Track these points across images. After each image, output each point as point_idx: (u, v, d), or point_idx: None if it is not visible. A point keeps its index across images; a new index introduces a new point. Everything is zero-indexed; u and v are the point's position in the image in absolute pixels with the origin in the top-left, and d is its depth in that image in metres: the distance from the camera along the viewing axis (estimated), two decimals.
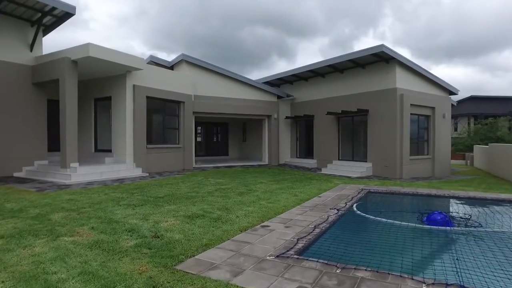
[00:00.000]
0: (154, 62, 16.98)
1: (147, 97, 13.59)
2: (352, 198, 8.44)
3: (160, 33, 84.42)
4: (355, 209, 7.32)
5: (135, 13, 78.49)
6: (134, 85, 12.93)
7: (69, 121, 10.90)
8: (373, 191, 9.61)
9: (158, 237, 5.06)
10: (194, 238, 5.03)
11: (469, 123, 35.87)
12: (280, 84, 20.47)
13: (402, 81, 14.53)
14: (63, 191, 8.64)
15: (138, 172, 12.74)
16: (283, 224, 5.87)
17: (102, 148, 13.89)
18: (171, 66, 17.05)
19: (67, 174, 10.60)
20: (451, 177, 15.42)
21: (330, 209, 7.17)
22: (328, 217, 6.40)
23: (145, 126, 13.49)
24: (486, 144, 24.71)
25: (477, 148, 23.22)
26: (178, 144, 15.33)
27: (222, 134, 22.56)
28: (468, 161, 24.53)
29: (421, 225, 5.90)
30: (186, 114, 15.40)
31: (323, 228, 5.62)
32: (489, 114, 32.07)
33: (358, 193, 9.20)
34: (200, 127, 22.22)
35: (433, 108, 15.94)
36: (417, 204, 8.22)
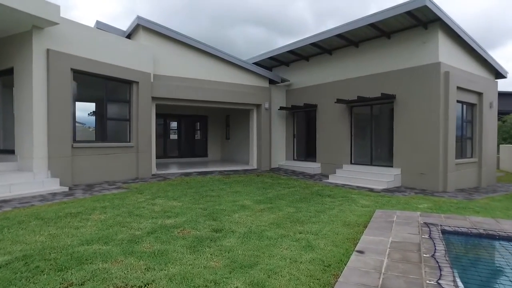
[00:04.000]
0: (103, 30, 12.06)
1: (74, 71, 8.74)
2: (432, 255, 3.80)
3: None
4: None
5: (125, 13, 72.94)
6: (48, 50, 8.06)
7: None
8: (450, 230, 4.98)
9: None
10: None
11: None
12: (273, 66, 15.76)
13: (446, 54, 9.98)
14: None
15: (52, 185, 7.87)
16: None
17: (7, 148, 8.99)
18: (128, 37, 12.17)
19: None
20: (506, 188, 10.97)
21: None
22: None
23: (70, 115, 8.63)
24: (511, 143, 20.72)
25: (506, 148, 18.99)
26: (129, 142, 10.49)
27: (201, 130, 17.72)
28: None
29: None
30: (142, 99, 10.57)
31: None
32: (504, 110, 27.97)
33: (428, 235, 4.58)
34: (176, 122, 17.39)
35: (480, 94, 11.46)
36: None
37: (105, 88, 9.79)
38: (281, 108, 14.39)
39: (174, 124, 17.44)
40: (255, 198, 7.45)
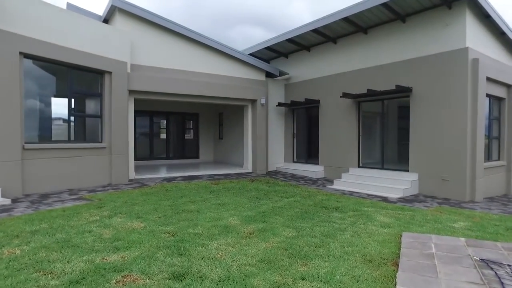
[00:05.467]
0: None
1: (26, 56, 7.09)
2: None
3: None
4: None
5: None
6: None
7: None
8: None
9: None
10: None
11: None
12: (270, 59, 14.10)
13: (474, 38, 8.33)
14: None
15: None
16: None
17: None
18: (106, 22, 10.50)
19: None
20: None
21: None
22: None
23: (20, 109, 6.96)
24: None
25: None
26: (101, 142, 8.84)
27: (191, 129, 16.02)
28: None
29: None
30: (116, 93, 8.91)
31: None
32: None
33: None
34: (163, 120, 15.71)
35: (509, 87, 9.81)
36: None
37: (68, 79, 8.13)
38: (279, 104, 12.72)
39: (162, 123, 15.77)
40: (245, 214, 5.79)
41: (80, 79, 8.60)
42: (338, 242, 4.41)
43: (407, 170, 9.15)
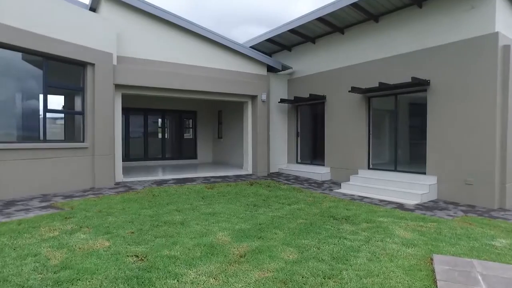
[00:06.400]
0: None
1: None
2: None
3: None
4: None
5: None
6: None
7: None
8: None
9: None
10: None
11: None
12: (272, 52, 13.06)
13: (504, 22, 7.22)
14: None
15: None
16: None
17: None
18: (93, 11, 9.55)
19: None
20: None
21: None
22: None
23: None
24: None
25: None
26: (83, 141, 7.89)
27: (189, 128, 15.03)
28: None
29: None
30: (100, 87, 7.96)
31: None
32: None
33: None
34: (159, 119, 14.75)
35: None
36: None
37: (43, 71, 7.18)
38: (282, 100, 11.68)
39: (158, 121, 14.81)
40: (238, 227, 4.79)
41: (57, 72, 7.66)
42: (353, 269, 3.38)
43: (424, 173, 8.08)
